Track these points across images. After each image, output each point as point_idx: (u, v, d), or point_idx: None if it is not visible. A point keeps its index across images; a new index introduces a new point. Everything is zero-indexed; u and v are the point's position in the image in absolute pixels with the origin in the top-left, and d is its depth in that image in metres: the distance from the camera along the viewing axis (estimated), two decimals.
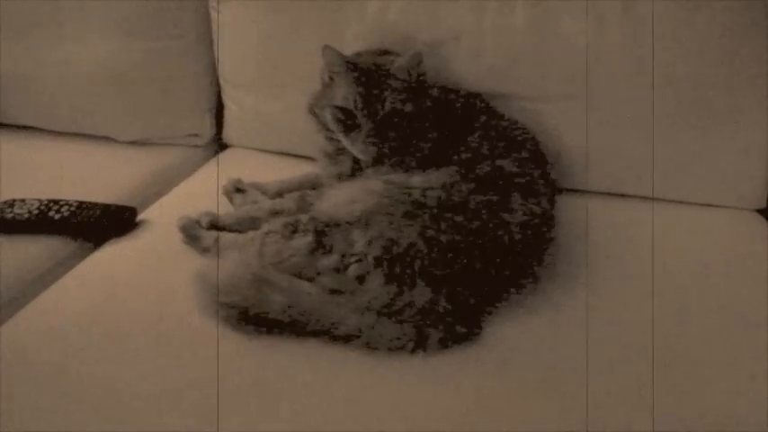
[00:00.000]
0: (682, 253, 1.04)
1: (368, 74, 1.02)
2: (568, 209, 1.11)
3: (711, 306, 0.94)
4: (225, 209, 1.13)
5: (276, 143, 1.36)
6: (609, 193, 1.19)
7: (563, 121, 1.15)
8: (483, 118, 1.07)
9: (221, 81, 1.39)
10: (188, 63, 1.38)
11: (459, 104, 1.09)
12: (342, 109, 1.03)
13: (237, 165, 1.34)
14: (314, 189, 1.14)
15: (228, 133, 1.43)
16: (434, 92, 1.08)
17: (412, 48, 1.07)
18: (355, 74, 1.02)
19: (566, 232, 1.07)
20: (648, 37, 1.08)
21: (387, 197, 0.95)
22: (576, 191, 1.20)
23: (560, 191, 1.12)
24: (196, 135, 1.43)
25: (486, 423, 0.79)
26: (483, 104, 1.11)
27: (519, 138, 1.06)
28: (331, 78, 1.05)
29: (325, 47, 1.03)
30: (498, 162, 1.00)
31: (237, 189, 1.18)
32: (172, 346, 0.90)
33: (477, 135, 1.04)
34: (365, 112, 1.00)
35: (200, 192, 1.24)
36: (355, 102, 1.01)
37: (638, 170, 1.16)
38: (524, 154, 1.03)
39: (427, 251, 0.90)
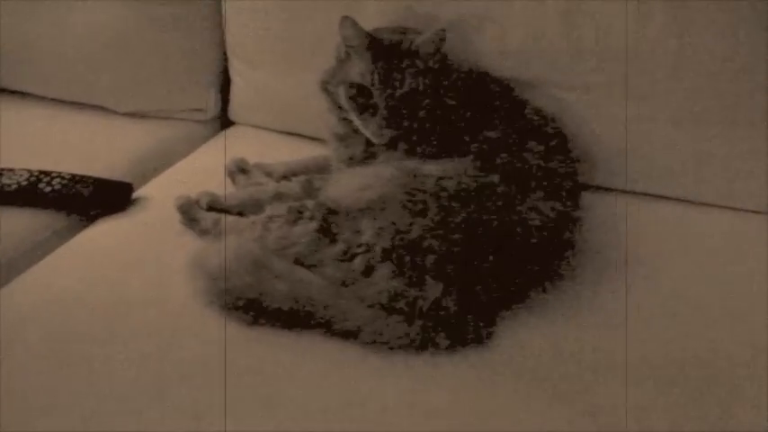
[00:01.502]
0: (718, 259, 1.04)
1: (388, 50, 1.02)
2: (596, 208, 1.10)
3: (751, 314, 0.93)
4: (226, 190, 1.14)
5: (284, 122, 1.37)
6: (642, 193, 1.18)
7: (594, 112, 1.14)
8: (506, 105, 1.07)
9: (228, 53, 1.39)
10: (194, 33, 1.39)
11: (481, 89, 1.09)
12: (357, 86, 1.03)
13: (242, 143, 1.34)
14: (322, 173, 1.15)
15: (234, 109, 1.43)
16: (456, 74, 1.08)
17: (434, 26, 1.06)
18: (374, 49, 1.02)
19: (592, 233, 1.06)
20: (693, 25, 1.07)
21: (399, 185, 0.95)
22: (606, 189, 1.19)
23: (587, 188, 1.12)
24: (199, 110, 1.44)
25: None
26: (507, 90, 1.11)
27: (544, 129, 1.06)
28: (347, 53, 1.05)
29: (344, 18, 1.02)
30: (520, 153, 0.99)
31: (241, 169, 1.19)
32: (164, 332, 0.91)
33: (498, 123, 1.03)
34: (382, 90, 1.01)
35: (201, 170, 1.25)
36: (372, 79, 1.01)
37: (674, 169, 1.15)
38: (548, 146, 1.02)
39: (439, 245, 0.90)
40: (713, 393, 0.83)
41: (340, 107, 1.08)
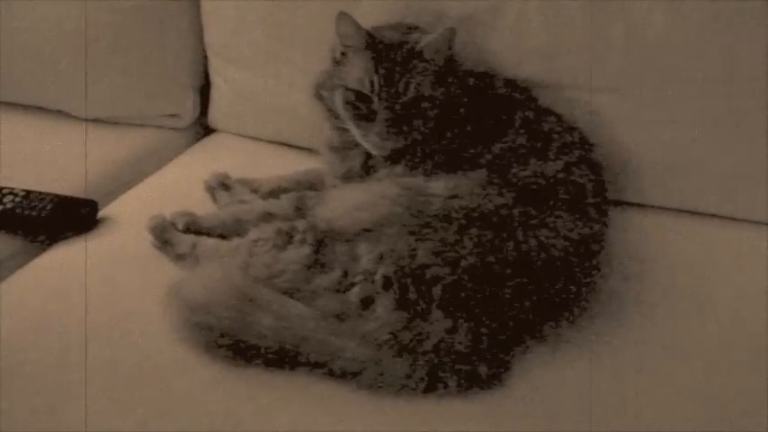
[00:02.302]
0: (758, 284, 1.05)
1: (389, 51, 1.03)
2: (624, 226, 1.11)
3: None
4: (206, 208, 1.16)
5: (272, 131, 1.38)
6: (675, 210, 1.19)
7: (624, 117, 1.15)
8: (523, 111, 1.08)
9: (208, 52, 1.40)
10: (169, 28, 1.40)
11: (495, 94, 1.10)
12: (355, 92, 1.04)
13: (224, 154, 1.36)
14: (315, 189, 1.15)
15: (215, 115, 1.44)
16: (467, 77, 1.09)
17: (442, 23, 1.08)
18: (374, 49, 1.03)
19: (620, 257, 1.07)
20: (733, 26, 1.08)
21: (402, 205, 0.96)
22: (638, 205, 1.20)
23: (616, 205, 1.13)
24: (175, 116, 1.45)
25: None
26: (524, 94, 1.12)
27: (567, 138, 1.06)
28: (344, 54, 1.07)
29: (341, 14, 1.04)
30: (540, 167, 1.01)
31: (223, 185, 1.20)
32: (134, 373, 0.91)
33: (515, 132, 1.05)
34: (383, 96, 1.02)
35: (177, 186, 1.26)
36: (372, 84, 1.02)
37: (712, 183, 1.16)
38: (572, 158, 1.04)
39: (448, 273, 0.91)
40: None
41: (335, 115, 1.09)
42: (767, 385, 0.89)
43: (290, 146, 1.36)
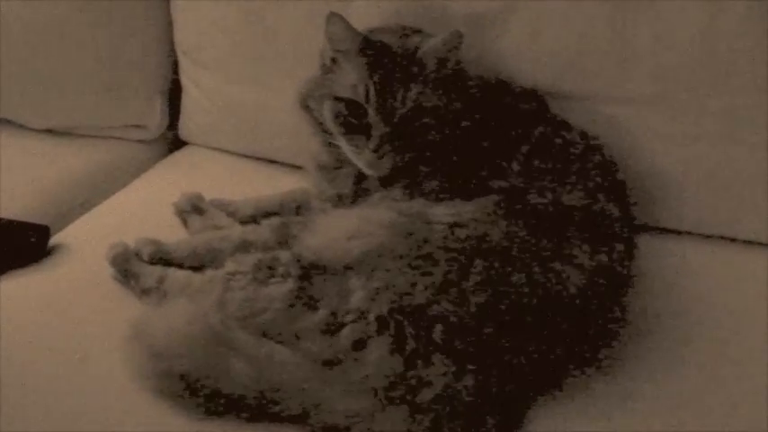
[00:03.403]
0: None
1: (387, 56, 1.04)
2: (653, 255, 1.13)
3: None
4: (176, 235, 1.17)
5: (251, 144, 1.39)
6: (712, 236, 1.21)
7: (651, 132, 1.17)
8: (538, 126, 1.10)
9: (178, 53, 1.42)
10: (132, 24, 1.42)
11: (506, 105, 1.12)
12: (347, 102, 1.05)
13: (196, 171, 1.37)
14: (300, 214, 1.17)
15: (186, 126, 1.46)
16: (474, 87, 1.11)
17: (447, 25, 1.09)
18: (369, 55, 1.04)
19: (648, 289, 1.08)
20: None
21: (399, 234, 0.97)
22: (666, 230, 1.22)
23: (643, 230, 1.15)
24: (140, 126, 1.46)
25: None
26: (539, 106, 1.14)
27: (588, 156, 1.08)
28: (334, 60, 1.08)
29: (331, 15, 1.05)
30: (556, 191, 1.02)
31: (195, 207, 1.22)
32: (91, 426, 0.91)
33: (528, 150, 1.06)
34: (379, 107, 1.03)
35: (143, 208, 1.27)
36: (367, 93, 1.03)
37: (753, 206, 1.17)
38: (594, 180, 1.05)
39: (451, 312, 0.92)
40: None
41: (324, 129, 1.10)
42: None
43: (272, 162, 1.37)
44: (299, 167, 1.24)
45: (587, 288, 0.96)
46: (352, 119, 1.06)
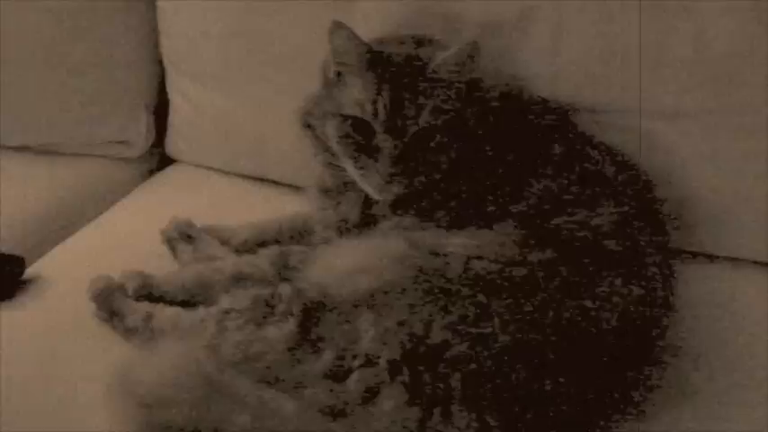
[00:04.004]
0: None
1: (397, 69, 1.04)
2: (695, 286, 1.11)
3: None
4: (164, 266, 1.16)
5: (246, 162, 1.39)
6: (759, 263, 1.20)
7: (689, 149, 1.16)
8: (564, 143, 1.09)
9: (165, 64, 1.41)
10: (116, 32, 1.41)
11: (527, 121, 1.12)
12: (353, 121, 1.05)
13: (186, 193, 1.36)
14: (302, 242, 1.16)
15: (174, 143, 1.45)
16: (492, 101, 1.11)
17: (461, 34, 1.09)
18: (377, 68, 1.04)
19: (690, 325, 1.07)
20: None
21: (412, 267, 0.96)
22: (709, 256, 1.21)
23: (680, 255, 1.14)
24: (123, 142, 1.46)
25: None
26: (563, 121, 1.14)
27: (620, 177, 1.07)
28: (339, 74, 1.08)
29: (336, 24, 1.04)
30: (587, 216, 1.01)
31: (185, 235, 1.21)
32: None
33: (552, 171, 1.06)
34: (389, 126, 1.03)
35: (127, 235, 1.26)
36: (375, 110, 1.03)
37: None
38: (627, 203, 1.04)
39: (472, 356, 0.90)
40: None
41: (327, 149, 1.09)
42: None
43: (269, 182, 1.36)
44: (299, 188, 1.24)
45: (622, 326, 0.95)
46: (359, 138, 1.05)
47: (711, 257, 1.22)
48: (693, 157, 1.17)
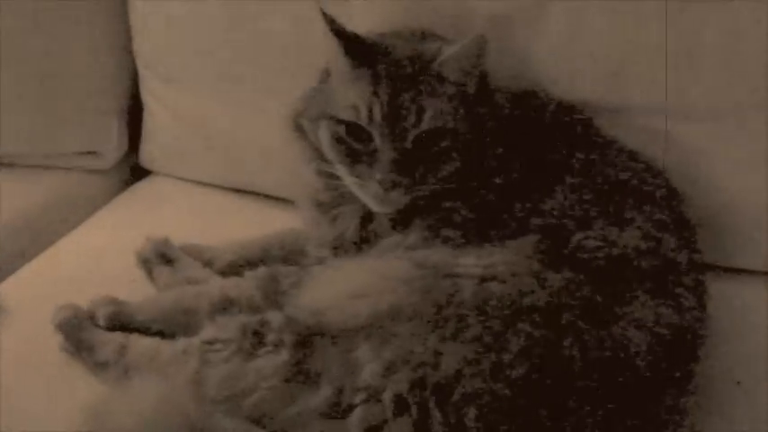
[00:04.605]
0: None
1: (395, 68, 1.03)
2: (730, 305, 1.10)
3: None
4: (140, 292, 1.14)
5: (228, 173, 1.38)
6: None
7: (721, 153, 1.15)
8: (584, 149, 1.08)
9: (139, 66, 1.41)
10: (82, 31, 1.40)
11: (543, 124, 1.11)
12: (348, 125, 1.04)
13: (162, 208, 1.36)
14: (293, 262, 1.15)
15: (149, 152, 1.45)
16: (503, 102, 1.10)
17: (467, 28, 1.08)
18: (374, 66, 1.03)
19: (724, 350, 1.06)
20: None
21: (418, 290, 0.94)
22: (746, 272, 1.20)
23: (713, 270, 1.11)
24: (93, 152, 1.45)
25: None
26: (583, 124, 1.13)
27: (646, 187, 1.06)
28: (329, 74, 1.07)
29: (324, 16, 1.03)
30: (610, 231, 0.99)
31: (162, 256, 1.20)
32: None
33: (573, 180, 1.04)
34: (387, 131, 1.02)
35: (97, 257, 1.24)
36: (371, 113, 1.02)
37: None
38: (656, 217, 1.03)
39: (486, 389, 0.88)
40: None
41: (321, 155, 1.08)
42: None
43: (256, 195, 1.36)
44: (289, 201, 1.22)
45: (653, 355, 0.92)
46: (355, 143, 1.04)
47: (744, 272, 1.20)
48: (727, 161, 1.16)
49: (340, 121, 1.04)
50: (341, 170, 1.06)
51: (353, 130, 1.04)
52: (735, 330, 1.10)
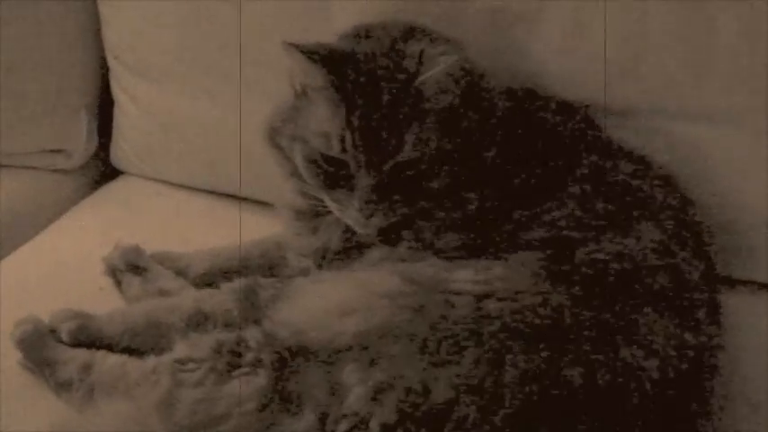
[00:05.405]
0: None
1: (371, 88, 1.01)
2: (746, 324, 1.09)
3: None
4: (107, 304, 1.13)
5: (204, 174, 1.37)
6: None
7: (735, 159, 1.13)
8: (588, 154, 1.07)
9: (109, 58, 1.39)
10: (48, 21, 1.39)
11: (544, 127, 1.09)
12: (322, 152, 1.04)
13: (134, 212, 1.35)
14: (273, 273, 1.15)
15: (120, 150, 1.44)
16: (500, 104, 1.08)
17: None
18: (347, 88, 1.01)
19: (741, 371, 1.04)
20: None
21: (408, 307, 0.92)
22: (758, 284, 1.18)
23: (726, 284, 1.10)
24: (59, 151, 1.44)
25: None
26: (588, 127, 1.11)
27: (657, 195, 1.04)
28: (304, 93, 1.06)
29: (287, 47, 1.01)
30: (619, 244, 0.97)
31: (132, 264, 1.18)
32: None
33: (578, 187, 1.03)
34: (362, 160, 1.01)
35: (62, 265, 1.23)
36: (343, 143, 1.01)
37: None
38: (668, 227, 1.01)
39: (481, 418, 0.86)
40: None
41: (300, 175, 1.06)
42: None
43: (233, 198, 1.34)
44: (270, 205, 1.20)
45: (668, 377, 0.90)
46: (331, 169, 1.02)
47: (760, 285, 1.19)
48: (742, 166, 1.14)
49: (314, 147, 1.03)
50: (319, 193, 1.05)
51: (327, 156, 1.02)
52: (754, 349, 1.09)
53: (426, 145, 1.02)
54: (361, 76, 1.01)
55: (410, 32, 1.07)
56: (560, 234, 0.99)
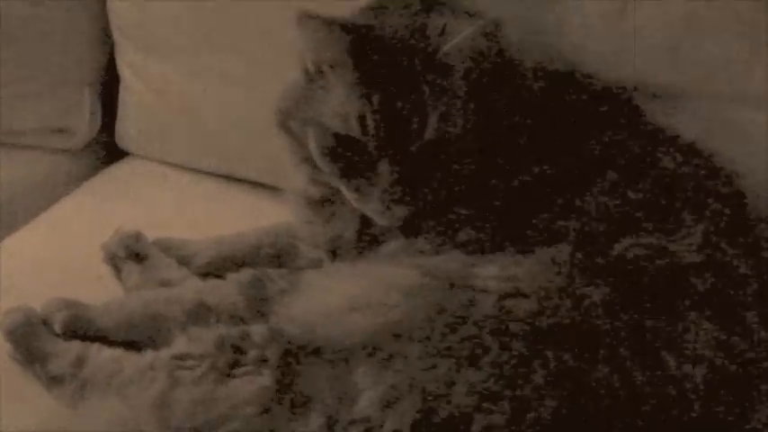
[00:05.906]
0: None
1: (392, 64, 0.99)
2: None
3: None
4: (104, 293, 1.12)
5: (213, 156, 1.36)
6: None
7: None
8: (629, 141, 1.04)
9: (114, 32, 1.38)
10: None
11: (581, 110, 1.06)
12: (338, 136, 1.01)
13: (137, 195, 1.34)
14: (283, 263, 1.15)
15: (125, 130, 1.43)
16: (531, 84, 1.06)
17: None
18: (366, 65, 0.98)
19: None
20: None
21: (427, 305, 0.91)
22: None
23: None
24: (62, 130, 1.43)
25: None
26: (629, 111, 1.09)
27: (704, 187, 1.01)
28: (319, 71, 1.03)
29: (303, 18, 0.98)
30: (659, 238, 0.94)
31: (132, 252, 1.18)
32: None
33: (616, 176, 1.00)
34: (384, 143, 0.98)
35: (58, 251, 1.22)
36: (364, 123, 0.98)
37: None
38: (713, 219, 0.97)
39: (505, 425, 0.84)
40: None
41: (314, 162, 1.05)
42: None
43: (243, 182, 1.33)
44: (281, 191, 1.18)
45: (712, 389, 0.86)
46: (349, 154, 1.00)
47: None
48: None
49: (329, 130, 1.00)
50: (337, 183, 1.03)
51: (345, 139, 0.99)
52: None
53: (453, 124, 0.99)
54: (381, 50, 0.99)
55: (431, 6, 1.04)
56: (595, 226, 0.96)
